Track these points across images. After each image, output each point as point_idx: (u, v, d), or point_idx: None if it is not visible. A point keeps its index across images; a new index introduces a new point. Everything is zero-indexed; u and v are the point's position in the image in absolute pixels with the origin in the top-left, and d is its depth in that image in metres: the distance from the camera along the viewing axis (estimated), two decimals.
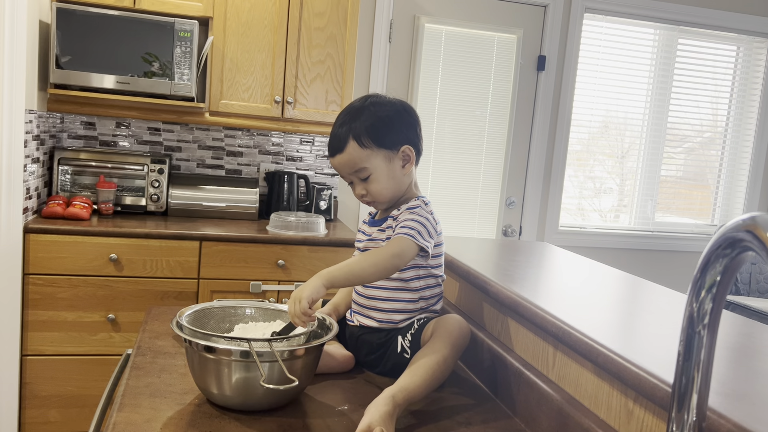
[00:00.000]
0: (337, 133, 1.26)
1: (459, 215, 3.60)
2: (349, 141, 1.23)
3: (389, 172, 1.26)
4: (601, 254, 3.72)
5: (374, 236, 1.30)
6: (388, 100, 1.29)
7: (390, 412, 1.01)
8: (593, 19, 3.68)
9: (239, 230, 2.75)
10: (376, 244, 1.29)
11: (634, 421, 0.90)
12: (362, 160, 1.24)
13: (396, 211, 1.28)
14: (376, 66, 3.37)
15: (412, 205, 1.27)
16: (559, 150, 3.70)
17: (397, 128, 1.26)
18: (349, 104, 1.30)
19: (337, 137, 1.25)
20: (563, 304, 1.21)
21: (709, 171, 4.04)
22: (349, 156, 1.24)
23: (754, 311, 3.04)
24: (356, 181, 1.27)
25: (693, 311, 0.67)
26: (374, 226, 1.32)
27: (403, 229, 1.22)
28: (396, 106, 1.28)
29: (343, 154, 1.24)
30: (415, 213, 1.25)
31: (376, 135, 1.24)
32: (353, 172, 1.26)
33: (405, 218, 1.24)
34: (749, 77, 3.97)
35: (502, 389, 1.22)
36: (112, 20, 2.67)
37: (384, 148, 1.24)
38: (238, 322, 1.18)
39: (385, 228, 1.28)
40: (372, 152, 1.24)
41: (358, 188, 1.28)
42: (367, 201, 1.29)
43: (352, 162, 1.24)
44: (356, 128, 1.23)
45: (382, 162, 1.25)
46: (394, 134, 1.25)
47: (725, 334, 1.09)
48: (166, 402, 1.07)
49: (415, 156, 1.28)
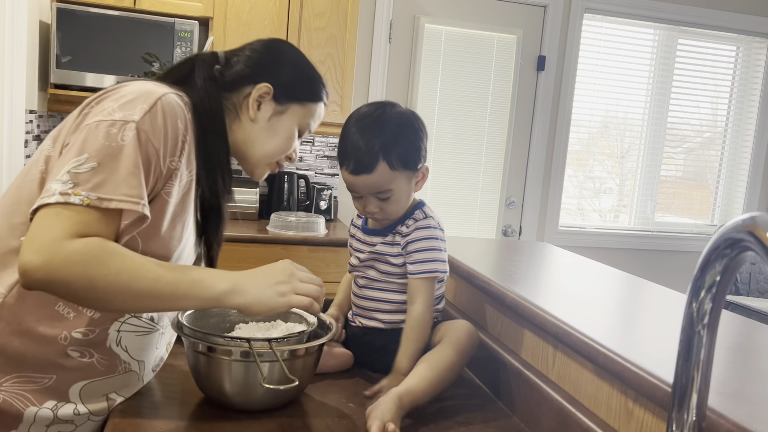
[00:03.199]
0: (365, 150, 1.16)
1: (459, 215, 3.61)
2: (379, 162, 1.16)
3: (407, 191, 1.22)
4: (601, 254, 3.72)
5: (379, 249, 1.26)
6: (408, 114, 1.23)
7: (397, 412, 1.02)
8: (593, 20, 3.68)
9: (239, 230, 2.75)
10: (383, 258, 1.26)
11: (634, 421, 0.90)
12: (389, 182, 1.18)
13: (403, 227, 1.25)
14: (376, 66, 3.37)
15: (423, 224, 1.24)
16: (559, 150, 3.70)
17: (419, 148, 1.22)
18: (366, 112, 1.22)
19: (365, 155, 1.16)
20: (563, 304, 1.21)
21: (709, 171, 4.04)
22: (378, 178, 1.17)
23: (754, 311, 3.04)
24: (371, 200, 1.20)
25: (693, 311, 0.67)
26: (374, 235, 1.29)
27: (425, 265, 1.21)
28: (417, 122, 1.23)
29: (371, 175, 1.17)
30: (429, 236, 1.23)
31: (406, 158, 1.19)
32: (375, 192, 1.20)
33: (420, 246, 1.22)
34: (749, 77, 3.97)
35: (502, 389, 1.23)
36: (113, 20, 2.67)
37: (408, 170, 1.20)
38: (239, 322, 1.18)
39: (393, 243, 1.25)
40: (399, 174, 1.19)
41: (372, 206, 1.21)
42: (377, 218, 1.24)
43: (379, 184, 1.18)
44: (389, 149, 1.16)
45: (404, 183, 1.21)
46: (417, 155, 1.22)
47: (725, 334, 1.09)
48: (166, 402, 1.07)
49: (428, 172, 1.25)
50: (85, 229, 0.90)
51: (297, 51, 1.21)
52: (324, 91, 1.21)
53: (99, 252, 0.89)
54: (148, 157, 0.95)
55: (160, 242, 1.02)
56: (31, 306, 0.98)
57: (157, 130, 0.96)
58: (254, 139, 1.15)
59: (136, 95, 0.97)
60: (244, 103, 1.13)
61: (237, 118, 1.14)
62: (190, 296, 0.95)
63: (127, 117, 0.95)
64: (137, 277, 0.91)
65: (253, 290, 0.98)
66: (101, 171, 0.91)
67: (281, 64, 1.16)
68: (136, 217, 0.94)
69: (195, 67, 1.12)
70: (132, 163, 0.93)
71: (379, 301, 1.29)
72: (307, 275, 1.05)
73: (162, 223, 1.01)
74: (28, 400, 0.99)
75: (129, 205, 0.92)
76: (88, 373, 1.02)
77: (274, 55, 1.17)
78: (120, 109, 0.96)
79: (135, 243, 0.99)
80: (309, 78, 1.18)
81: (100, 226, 0.91)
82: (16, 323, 0.98)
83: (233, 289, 0.97)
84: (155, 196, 1.00)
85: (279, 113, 1.15)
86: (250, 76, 1.13)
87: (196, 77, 1.10)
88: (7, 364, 0.98)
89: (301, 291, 1.01)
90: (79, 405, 1.03)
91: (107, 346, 1.03)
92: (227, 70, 1.14)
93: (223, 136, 1.11)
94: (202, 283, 0.96)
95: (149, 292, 0.92)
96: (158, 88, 1.00)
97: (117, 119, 0.94)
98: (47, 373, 1.00)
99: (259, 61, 1.15)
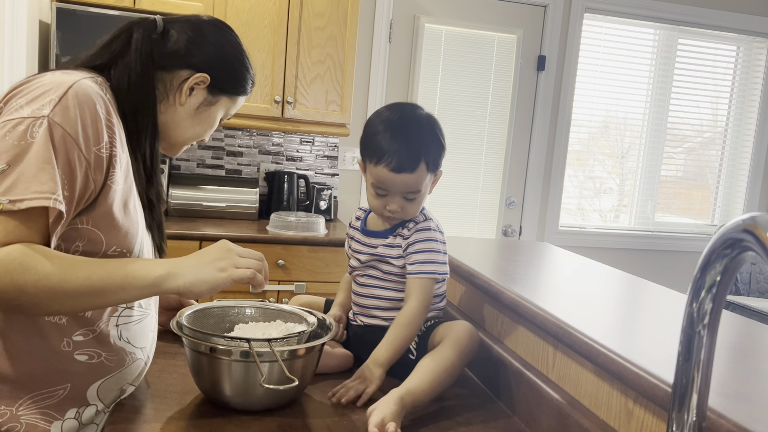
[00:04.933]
0: (408, 150, 1.18)
1: (459, 215, 3.61)
2: (420, 164, 1.19)
3: (427, 193, 1.26)
4: (601, 254, 3.72)
5: (381, 252, 1.27)
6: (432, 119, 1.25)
7: (399, 412, 1.02)
8: (593, 19, 3.68)
9: (239, 230, 2.75)
10: (383, 260, 1.27)
11: (634, 421, 0.90)
12: (422, 183, 1.21)
13: (404, 229, 1.26)
14: (376, 66, 3.37)
15: (423, 227, 1.25)
16: (559, 150, 3.70)
17: (444, 150, 1.26)
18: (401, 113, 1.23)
19: (409, 155, 1.18)
20: (563, 304, 1.21)
21: (709, 171, 4.04)
22: (417, 178, 1.20)
23: (754, 311, 3.04)
24: (397, 199, 1.21)
25: (693, 311, 0.67)
26: (376, 237, 1.29)
27: (423, 266, 1.22)
28: (438, 126, 1.25)
29: (412, 175, 1.19)
30: (428, 238, 1.24)
31: (438, 161, 1.23)
32: (407, 192, 1.21)
33: (419, 247, 1.24)
34: (749, 77, 3.97)
35: (503, 389, 1.23)
36: (112, 20, 2.67)
37: (433, 172, 1.24)
38: (238, 322, 1.18)
39: (393, 245, 1.26)
40: (430, 176, 1.23)
41: (395, 205, 1.22)
42: (396, 217, 1.25)
43: (416, 183, 1.20)
44: (429, 151, 1.20)
45: (429, 184, 1.25)
46: (441, 158, 1.25)
47: (725, 334, 1.09)
48: (166, 402, 1.07)
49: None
50: (5, 238, 0.87)
51: (237, 41, 1.19)
52: (252, 84, 1.20)
53: (23, 259, 0.86)
54: (67, 151, 0.91)
55: (120, 232, 1.00)
56: (21, 325, 0.96)
57: (71, 121, 0.92)
58: (178, 123, 1.13)
59: (45, 89, 0.93)
60: (177, 87, 1.11)
61: (165, 98, 1.11)
62: (126, 287, 0.94)
63: (36, 113, 0.91)
64: (67, 277, 0.89)
65: (191, 271, 0.97)
66: (10, 173, 0.87)
67: (223, 55, 1.14)
68: (56, 214, 0.90)
69: (132, 37, 1.08)
70: (41, 159, 0.89)
71: (378, 298, 1.29)
72: (246, 250, 1.04)
73: (117, 213, 0.99)
74: (51, 416, 0.98)
75: (40, 202, 0.87)
76: (100, 372, 1.02)
77: (217, 44, 1.14)
78: (28, 105, 0.92)
79: (97, 237, 0.97)
80: (244, 72, 1.17)
81: (21, 232, 0.88)
82: (12, 346, 0.96)
83: (170, 273, 0.96)
84: (102, 188, 0.97)
85: (209, 103, 1.14)
86: (189, 61, 1.10)
87: (132, 51, 1.07)
88: (17, 389, 0.96)
89: (241, 264, 1.00)
90: (99, 404, 1.03)
91: (112, 343, 1.03)
92: (164, 44, 1.10)
93: (153, 116, 1.08)
94: (136, 273, 0.94)
95: (83, 290, 0.91)
96: (68, 77, 0.96)
97: (25, 116, 0.90)
98: (61, 383, 0.99)
99: (202, 48, 1.11)
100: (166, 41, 1.10)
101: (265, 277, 1.03)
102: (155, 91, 1.09)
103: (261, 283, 1.02)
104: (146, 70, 1.07)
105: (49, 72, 1.00)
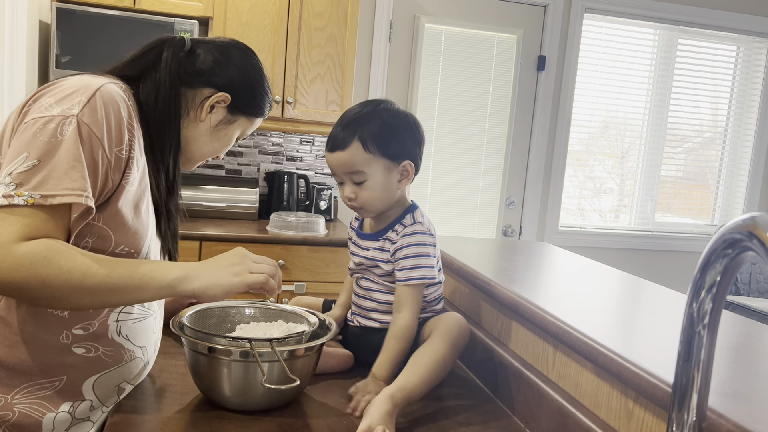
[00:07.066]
0: (341, 129, 1.21)
1: (459, 215, 3.61)
2: (353, 141, 1.19)
3: (385, 183, 1.22)
4: (601, 254, 3.72)
5: (371, 255, 1.27)
6: (400, 111, 1.26)
7: (390, 412, 1.01)
8: (593, 19, 3.68)
9: (239, 230, 2.75)
10: (374, 264, 1.27)
11: (634, 421, 0.90)
12: (362, 163, 1.20)
13: (393, 233, 1.25)
14: (376, 66, 3.37)
15: (410, 231, 1.24)
16: (559, 150, 3.70)
17: (403, 141, 1.23)
18: (359, 104, 1.26)
19: (341, 134, 1.21)
20: (563, 304, 1.21)
21: (709, 171, 4.04)
22: (350, 155, 1.20)
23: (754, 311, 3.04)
24: (348, 183, 1.23)
25: (693, 311, 0.67)
26: (368, 240, 1.29)
27: (411, 272, 1.21)
28: (408, 119, 1.25)
29: (343, 152, 1.20)
30: (415, 242, 1.23)
31: (382, 142, 1.20)
32: (349, 172, 1.22)
33: (405, 252, 1.22)
34: (749, 77, 3.97)
35: (502, 389, 1.23)
36: (112, 20, 2.67)
37: (386, 158, 1.21)
38: (239, 322, 1.18)
39: (383, 249, 1.26)
40: (374, 159, 1.20)
41: (348, 190, 1.23)
42: (354, 206, 1.25)
43: (351, 162, 1.20)
44: (364, 130, 1.20)
45: (380, 171, 1.21)
46: (399, 146, 1.22)
47: (725, 334, 1.09)
48: (166, 402, 1.07)
49: (414, 173, 1.26)
50: (32, 232, 0.90)
51: (260, 65, 1.23)
52: (270, 107, 1.25)
53: (47, 253, 0.89)
54: (92, 149, 0.95)
55: (129, 232, 1.02)
56: (24, 314, 0.98)
57: (98, 121, 0.96)
58: (197, 138, 1.17)
59: (73, 89, 0.97)
60: (199, 104, 1.14)
61: (186, 114, 1.15)
62: (144, 287, 0.96)
63: (66, 112, 0.94)
64: (89, 273, 0.92)
65: (206, 275, 1.00)
66: (42, 168, 0.91)
67: (245, 77, 1.18)
68: (83, 210, 0.94)
69: (162, 54, 1.12)
70: (72, 157, 0.92)
71: (375, 302, 1.29)
72: (260, 257, 1.08)
73: (127, 213, 1.01)
74: (44, 407, 0.99)
75: (72, 199, 0.91)
76: (96, 367, 1.03)
77: (241, 66, 1.18)
78: (57, 104, 0.96)
79: (107, 235, 0.99)
80: (263, 95, 1.22)
81: (48, 226, 0.91)
82: (13, 334, 0.98)
83: (186, 275, 0.98)
84: (117, 187, 0.99)
85: (228, 122, 1.18)
86: (212, 80, 1.15)
87: (162, 68, 1.11)
88: (14, 377, 0.98)
89: (255, 270, 1.04)
90: (95, 400, 1.03)
91: (110, 338, 1.03)
92: (192, 62, 1.14)
93: (177, 132, 1.12)
94: (154, 273, 0.97)
95: (103, 286, 0.93)
96: (95, 80, 1.00)
97: (55, 115, 0.94)
98: (57, 375, 1.00)
99: (226, 68, 1.16)
100: (194, 60, 1.15)
101: (279, 282, 1.06)
102: (180, 108, 1.12)
103: (274, 289, 1.06)
104: (174, 87, 1.11)
105: (77, 75, 1.04)
